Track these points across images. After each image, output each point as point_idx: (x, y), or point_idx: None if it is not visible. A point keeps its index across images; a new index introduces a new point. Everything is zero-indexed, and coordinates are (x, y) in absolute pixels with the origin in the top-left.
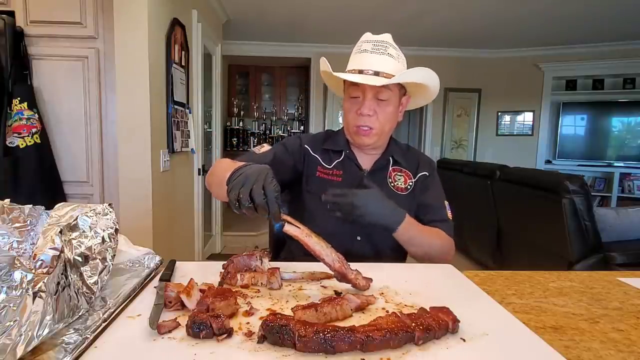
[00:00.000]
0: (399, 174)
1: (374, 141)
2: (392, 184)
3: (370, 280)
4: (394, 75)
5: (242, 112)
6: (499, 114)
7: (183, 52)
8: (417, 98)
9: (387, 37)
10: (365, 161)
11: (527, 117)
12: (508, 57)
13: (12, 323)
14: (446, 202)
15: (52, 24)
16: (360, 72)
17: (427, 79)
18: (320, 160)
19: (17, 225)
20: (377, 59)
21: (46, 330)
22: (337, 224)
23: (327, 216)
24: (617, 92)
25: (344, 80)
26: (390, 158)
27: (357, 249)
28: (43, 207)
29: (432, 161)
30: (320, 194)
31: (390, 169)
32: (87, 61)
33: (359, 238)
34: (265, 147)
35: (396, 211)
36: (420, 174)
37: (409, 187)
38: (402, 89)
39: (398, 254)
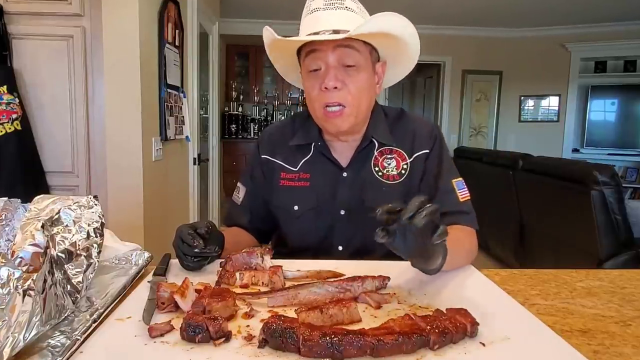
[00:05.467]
0: (389, 157)
1: (351, 123)
2: (380, 173)
3: (388, 278)
4: None
5: (241, 97)
6: (522, 98)
7: (177, 31)
8: (395, 65)
9: None
10: (344, 152)
11: (552, 102)
12: (531, 36)
13: (1, 323)
14: (455, 182)
15: (34, 0)
16: (315, 35)
17: (404, 29)
18: (284, 164)
19: None
20: (333, 15)
21: (33, 332)
22: (311, 237)
23: (299, 231)
24: None
25: (300, 59)
26: (375, 140)
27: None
28: (19, 200)
29: (433, 129)
30: (288, 208)
31: (376, 153)
32: (72, 41)
33: (340, 248)
34: (241, 190)
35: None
36: (418, 153)
37: (403, 171)
38: (373, 52)
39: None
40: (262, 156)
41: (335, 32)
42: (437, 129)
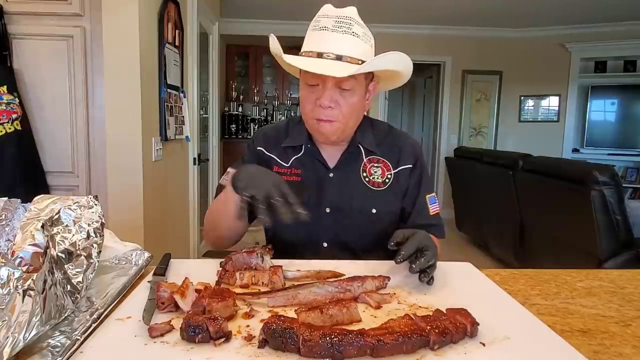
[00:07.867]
0: (376, 165)
1: (338, 136)
2: (367, 179)
3: (388, 278)
4: (359, 60)
5: (241, 97)
6: (522, 98)
7: (177, 31)
8: (386, 82)
9: (351, 11)
10: (331, 155)
11: (552, 102)
12: (532, 36)
13: (0, 323)
14: (428, 197)
15: (34, 0)
16: (320, 55)
17: (400, 65)
18: (277, 159)
19: None
20: (340, 40)
21: (33, 332)
22: (298, 232)
23: (286, 225)
24: None
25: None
26: (361, 147)
27: (326, 257)
28: (19, 200)
29: (415, 145)
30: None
31: (365, 160)
32: (73, 41)
33: (325, 245)
34: (231, 174)
35: None
36: (402, 167)
37: (387, 180)
38: (369, 75)
39: (374, 256)
40: (258, 148)
41: (338, 57)
42: (419, 146)
